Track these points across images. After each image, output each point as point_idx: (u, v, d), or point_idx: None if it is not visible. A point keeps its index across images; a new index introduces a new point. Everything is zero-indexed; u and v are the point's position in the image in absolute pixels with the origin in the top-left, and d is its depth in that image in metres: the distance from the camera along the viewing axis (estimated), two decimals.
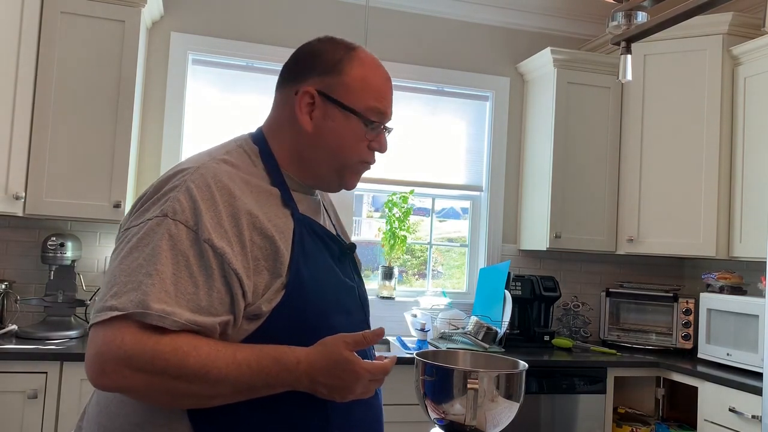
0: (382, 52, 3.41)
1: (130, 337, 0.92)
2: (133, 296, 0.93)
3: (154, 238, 0.97)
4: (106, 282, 0.98)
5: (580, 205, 3.37)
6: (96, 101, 2.72)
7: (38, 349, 2.42)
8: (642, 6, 1.47)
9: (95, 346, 0.93)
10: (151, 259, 0.95)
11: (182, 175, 1.04)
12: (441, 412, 1.21)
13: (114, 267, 0.98)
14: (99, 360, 0.92)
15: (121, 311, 0.92)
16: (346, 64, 1.14)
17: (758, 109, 3.01)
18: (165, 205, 1.00)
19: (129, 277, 0.95)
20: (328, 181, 1.19)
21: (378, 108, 1.15)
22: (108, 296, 0.94)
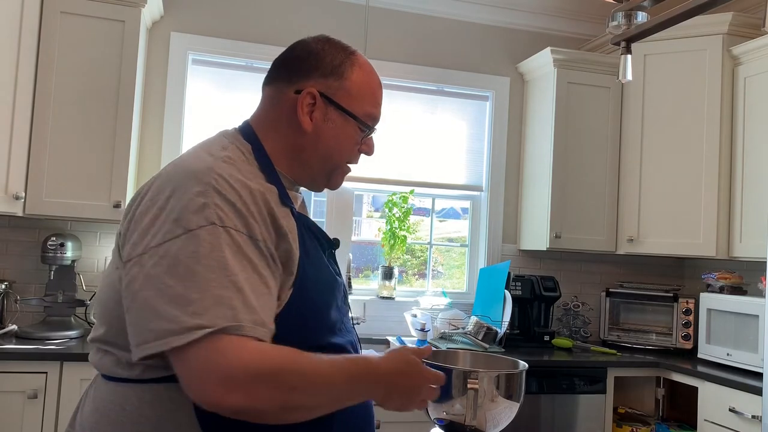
0: (382, 52, 3.44)
1: (250, 350, 0.90)
2: (218, 311, 0.89)
3: (214, 248, 0.93)
4: (165, 300, 0.90)
5: (580, 205, 3.37)
6: (96, 101, 2.72)
7: (38, 349, 2.42)
8: (642, 6, 1.47)
9: (214, 366, 0.87)
10: (222, 272, 0.92)
11: (199, 178, 0.98)
12: (441, 412, 1.21)
13: (172, 282, 0.91)
14: (227, 381, 0.87)
15: (212, 327, 0.88)
16: (347, 68, 1.16)
17: (758, 109, 3.01)
18: (206, 213, 0.94)
19: (203, 293, 0.90)
20: (317, 181, 1.20)
21: (373, 113, 1.19)
22: (185, 316, 0.88)
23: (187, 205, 0.95)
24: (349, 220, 3.45)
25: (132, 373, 1.00)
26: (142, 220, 0.98)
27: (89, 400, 1.08)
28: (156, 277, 0.92)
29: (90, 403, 1.07)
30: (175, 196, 0.97)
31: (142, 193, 1.04)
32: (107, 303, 1.05)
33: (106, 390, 1.04)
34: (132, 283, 0.95)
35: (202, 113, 3.24)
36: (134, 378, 1.00)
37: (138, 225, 0.99)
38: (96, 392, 1.07)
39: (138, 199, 1.04)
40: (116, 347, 1.03)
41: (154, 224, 0.96)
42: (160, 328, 0.89)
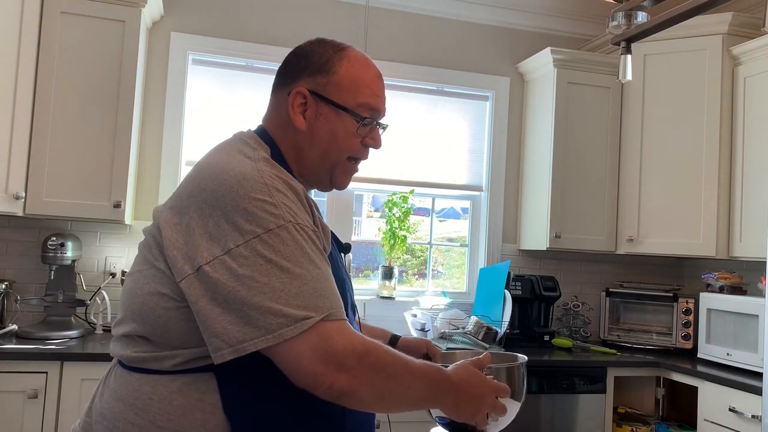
0: (382, 52, 3.44)
1: (348, 333, 0.98)
2: (318, 302, 0.97)
3: (296, 245, 0.99)
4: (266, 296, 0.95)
5: (580, 204, 3.37)
6: (96, 101, 2.72)
7: (38, 349, 2.42)
8: (642, 6, 1.47)
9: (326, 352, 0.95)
10: (309, 267, 0.99)
11: (254, 179, 1.01)
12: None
13: (268, 280, 0.96)
14: (337, 364, 0.95)
15: (318, 316, 0.96)
16: (335, 62, 1.17)
17: (758, 109, 3.01)
18: (277, 212, 1.00)
19: (301, 288, 0.97)
20: (321, 180, 1.22)
21: (369, 104, 1.18)
22: (290, 309, 0.95)
23: (256, 206, 0.99)
24: (349, 220, 3.45)
25: (163, 365, 1.03)
26: (205, 225, 0.99)
27: (108, 390, 1.09)
28: (248, 277, 0.96)
29: (110, 394, 1.08)
30: (233, 198, 0.99)
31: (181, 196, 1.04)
32: (146, 300, 1.05)
33: (131, 380, 1.06)
34: (217, 286, 0.96)
35: (202, 113, 3.24)
36: (164, 370, 1.03)
37: (201, 230, 0.99)
38: (118, 382, 1.08)
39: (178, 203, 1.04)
40: (151, 343, 1.05)
41: (221, 227, 0.98)
42: (269, 322, 0.94)
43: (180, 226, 1.02)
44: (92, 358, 2.40)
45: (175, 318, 1.02)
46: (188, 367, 1.02)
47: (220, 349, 0.95)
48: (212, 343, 0.96)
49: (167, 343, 1.03)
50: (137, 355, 1.06)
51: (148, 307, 1.04)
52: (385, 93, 1.25)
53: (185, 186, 1.06)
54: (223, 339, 0.95)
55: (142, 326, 1.06)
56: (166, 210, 1.06)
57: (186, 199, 1.03)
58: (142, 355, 1.05)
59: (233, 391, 1.01)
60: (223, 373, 1.01)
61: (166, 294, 1.03)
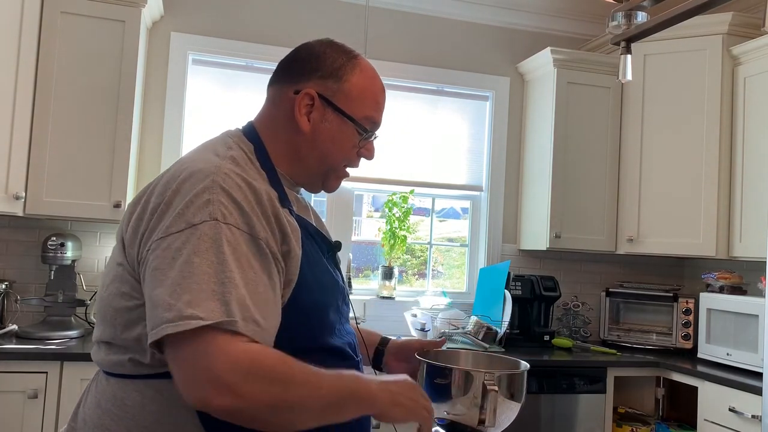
0: (382, 52, 3.44)
1: (241, 350, 0.89)
2: (212, 305, 0.90)
3: (214, 243, 0.94)
4: (164, 291, 0.91)
5: (580, 204, 3.37)
6: (96, 101, 2.72)
7: (38, 349, 2.42)
8: (642, 6, 1.47)
9: (204, 366, 0.87)
10: (219, 267, 0.93)
11: (205, 175, 0.99)
12: (443, 412, 1.21)
13: (171, 276, 0.92)
14: (216, 381, 0.87)
15: (207, 321, 0.88)
16: (348, 71, 1.17)
17: (758, 109, 3.01)
18: (210, 209, 0.96)
19: (200, 285, 0.90)
20: (313, 183, 1.22)
21: (373, 117, 1.19)
22: (181, 304, 0.89)
23: (191, 200, 0.97)
24: (349, 220, 3.45)
25: (134, 369, 1.02)
26: (151, 218, 1.00)
27: (91, 395, 1.09)
28: (158, 269, 0.94)
29: (92, 399, 1.08)
30: (181, 192, 0.99)
31: (148, 191, 1.05)
32: (109, 301, 1.05)
33: (108, 386, 1.05)
34: (143, 279, 0.97)
35: (202, 113, 3.24)
36: (136, 374, 1.02)
37: (147, 223, 1.00)
38: (97, 388, 1.08)
39: (144, 198, 1.04)
40: (117, 345, 1.04)
41: (162, 220, 0.98)
42: (157, 316, 0.90)
43: (139, 220, 1.02)
44: (92, 359, 2.40)
45: (135, 317, 1.01)
46: (161, 371, 0.98)
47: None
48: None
49: (131, 344, 1.01)
50: (108, 359, 1.06)
51: (112, 309, 1.04)
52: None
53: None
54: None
55: (108, 328, 1.05)
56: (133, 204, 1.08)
57: (150, 193, 1.04)
58: (112, 358, 1.05)
59: None
60: None
61: (126, 292, 1.02)
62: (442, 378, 1.20)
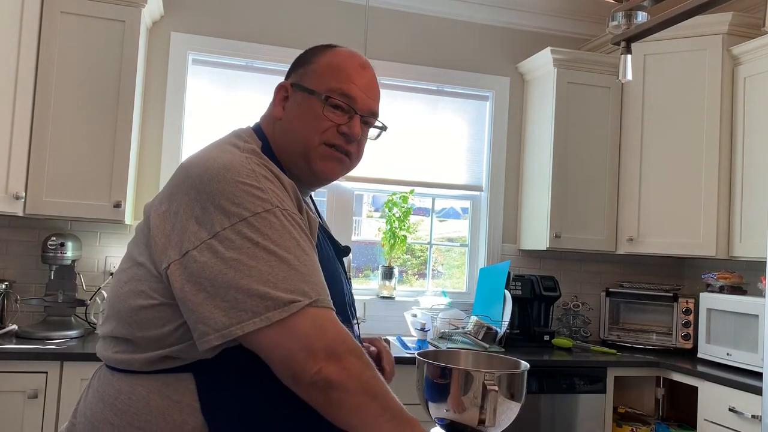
0: (382, 52, 3.44)
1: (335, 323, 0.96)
2: (305, 287, 0.95)
3: (283, 229, 0.98)
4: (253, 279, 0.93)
5: (580, 204, 3.37)
6: (96, 101, 2.72)
7: (38, 349, 2.42)
8: (642, 6, 1.47)
9: (317, 337, 0.92)
10: (297, 252, 0.97)
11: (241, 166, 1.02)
12: (443, 412, 1.21)
13: (255, 263, 0.94)
14: (327, 352, 0.92)
15: (307, 300, 0.94)
16: (319, 56, 1.21)
17: (758, 109, 3.01)
18: (265, 197, 0.99)
19: (288, 272, 0.95)
20: (302, 171, 1.18)
21: (341, 88, 1.16)
22: (278, 291, 0.93)
23: (241, 189, 0.99)
24: (349, 220, 3.45)
25: (142, 365, 1.03)
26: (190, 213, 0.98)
27: (92, 390, 1.09)
28: (234, 260, 0.94)
29: (93, 394, 1.08)
30: (219, 183, 0.99)
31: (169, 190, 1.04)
32: (124, 298, 1.05)
33: (113, 380, 1.06)
34: (204, 271, 0.95)
35: (202, 113, 3.24)
36: (142, 370, 1.03)
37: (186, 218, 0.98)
38: (100, 382, 1.08)
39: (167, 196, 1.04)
40: (131, 340, 1.04)
41: (207, 212, 0.97)
42: (256, 305, 0.92)
43: (168, 213, 1.01)
44: (92, 358, 2.39)
45: (152, 316, 1.01)
46: (166, 367, 1.01)
47: (206, 334, 0.93)
48: (198, 329, 0.94)
49: (145, 342, 1.02)
50: (117, 356, 1.06)
51: (127, 305, 1.04)
52: (378, 92, 1.22)
53: (175, 177, 1.06)
54: (209, 324, 0.93)
55: (121, 325, 1.05)
56: (155, 201, 1.07)
57: (174, 188, 1.03)
58: (121, 355, 1.05)
59: (212, 393, 1.00)
60: (202, 374, 1.00)
61: (144, 291, 1.02)
62: (442, 378, 1.20)
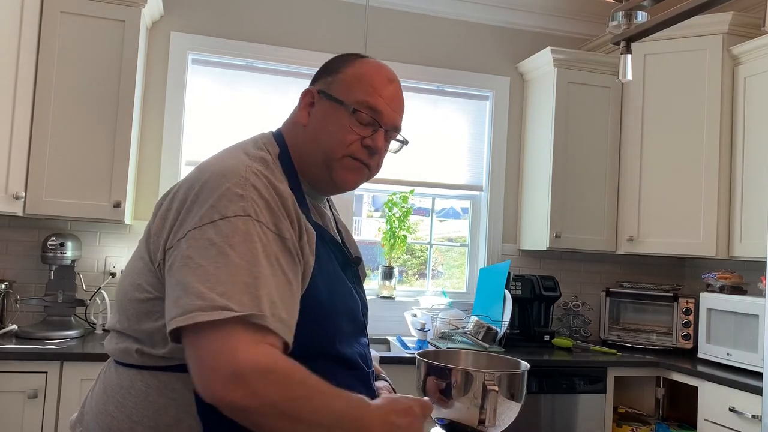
0: (382, 52, 3.44)
1: (265, 351, 0.89)
2: (245, 298, 0.91)
3: (247, 238, 0.96)
4: (194, 279, 0.92)
5: (580, 204, 3.37)
6: (96, 101, 2.72)
7: (38, 349, 2.42)
8: (642, 6, 1.47)
9: (224, 358, 0.87)
10: (252, 261, 0.94)
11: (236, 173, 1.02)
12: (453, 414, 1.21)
13: (204, 264, 0.93)
14: (232, 375, 0.86)
15: (239, 312, 0.89)
16: (347, 65, 1.20)
17: (758, 109, 3.01)
18: (242, 204, 0.98)
19: (233, 277, 0.92)
20: (322, 177, 1.19)
21: (368, 101, 1.17)
22: (214, 294, 0.90)
23: (224, 193, 0.99)
24: (349, 219, 3.45)
25: (141, 360, 1.04)
26: (181, 209, 1.02)
27: (99, 382, 1.12)
28: (189, 257, 0.95)
29: (100, 386, 1.11)
30: (211, 185, 1.01)
31: (177, 186, 1.08)
32: (125, 291, 1.09)
33: (116, 374, 1.08)
34: (171, 266, 0.98)
35: (202, 113, 3.24)
36: (143, 365, 1.04)
37: (177, 214, 1.02)
38: (106, 375, 1.11)
39: (173, 192, 1.07)
40: (129, 335, 1.07)
41: (191, 210, 1.00)
42: (188, 303, 0.91)
43: (168, 211, 1.04)
44: (92, 358, 2.40)
45: (147, 310, 1.04)
46: (166, 364, 1.02)
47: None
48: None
49: (141, 336, 1.04)
50: (118, 348, 1.08)
51: (127, 299, 1.07)
52: (403, 106, 1.25)
53: (186, 176, 1.10)
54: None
55: (122, 319, 1.08)
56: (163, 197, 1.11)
57: (180, 186, 1.07)
58: (122, 348, 1.07)
59: None
60: None
61: (141, 284, 1.05)
62: (442, 378, 1.20)
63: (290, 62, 3.27)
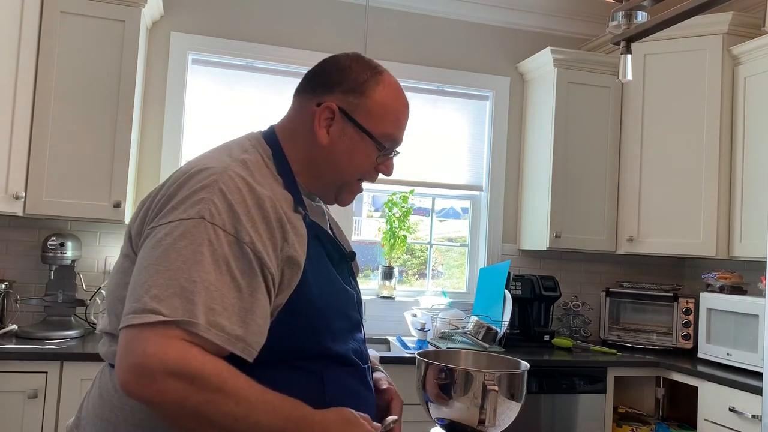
0: (382, 52, 3.44)
1: (177, 349, 0.88)
2: (177, 302, 0.90)
3: (194, 241, 0.94)
4: (137, 281, 0.93)
5: (580, 204, 3.37)
6: (96, 101, 2.72)
7: (38, 349, 2.42)
8: (642, 6, 1.47)
9: (136, 353, 0.87)
10: (193, 265, 0.92)
11: (209, 174, 1.01)
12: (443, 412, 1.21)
13: (147, 266, 0.93)
14: (140, 369, 0.87)
15: (166, 317, 0.89)
16: (371, 86, 1.16)
17: (758, 109, 3.01)
18: (200, 207, 0.97)
19: (169, 281, 0.91)
20: (327, 195, 1.22)
21: (393, 135, 1.18)
22: (147, 297, 0.90)
23: (188, 196, 0.99)
24: (349, 219, 3.45)
25: None
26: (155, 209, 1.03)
27: (95, 386, 1.11)
28: (142, 257, 0.97)
29: (95, 390, 1.11)
30: (182, 188, 1.01)
31: (158, 188, 1.08)
32: (114, 291, 1.09)
33: (111, 377, 1.07)
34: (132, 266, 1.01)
35: (202, 113, 3.24)
36: None
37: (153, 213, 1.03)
38: (101, 379, 1.10)
39: (155, 192, 1.08)
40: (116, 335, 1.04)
41: (161, 212, 1.01)
42: (128, 306, 0.92)
43: (148, 211, 1.05)
44: (92, 358, 2.40)
45: None
46: None
47: None
48: None
49: None
50: (111, 351, 1.07)
51: (116, 299, 1.06)
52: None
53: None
54: None
55: (113, 321, 1.07)
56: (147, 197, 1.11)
57: (161, 187, 1.07)
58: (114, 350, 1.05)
59: None
60: None
61: (127, 282, 1.03)
62: (442, 378, 1.20)
63: (290, 62, 3.27)
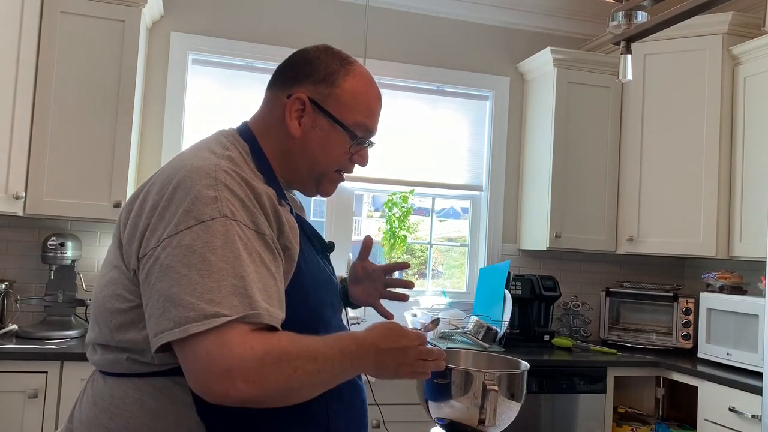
0: (382, 52, 3.44)
1: (257, 339, 0.91)
2: (236, 300, 0.91)
3: (226, 240, 0.95)
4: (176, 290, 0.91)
5: (580, 204, 3.37)
6: (96, 101, 2.72)
7: (38, 349, 2.42)
8: (642, 6, 1.47)
9: (225, 358, 0.88)
10: (235, 261, 0.94)
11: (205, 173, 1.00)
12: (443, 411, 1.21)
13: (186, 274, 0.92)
14: (238, 372, 0.88)
15: (231, 316, 0.90)
16: (340, 76, 1.16)
17: (758, 109, 3.01)
18: (217, 205, 0.96)
19: (219, 282, 0.92)
20: (306, 187, 1.22)
21: (365, 124, 1.18)
22: (203, 303, 0.90)
23: (197, 197, 0.97)
24: (349, 219, 3.45)
25: (132, 368, 1.02)
26: (152, 215, 0.99)
27: (87, 396, 1.09)
28: (171, 267, 0.93)
29: (88, 399, 1.08)
30: (182, 189, 0.98)
31: (144, 189, 1.05)
32: (102, 302, 1.06)
33: (105, 385, 1.05)
34: (148, 276, 0.96)
35: (202, 113, 3.24)
36: (134, 372, 1.02)
37: (147, 221, 0.99)
38: (93, 388, 1.08)
39: (141, 195, 1.04)
40: (114, 346, 1.04)
41: (164, 217, 0.97)
42: (178, 315, 0.90)
43: (138, 218, 1.02)
44: None
45: (129, 319, 1.01)
46: (158, 369, 1.00)
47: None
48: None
49: (129, 347, 1.02)
50: (105, 359, 1.05)
51: (107, 311, 1.04)
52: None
53: (151, 178, 1.08)
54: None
55: (104, 331, 1.05)
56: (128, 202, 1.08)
57: (147, 192, 1.04)
58: (110, 358, 1.04)
59: None
60: None
61: (121, 294, 1.02)
62: (442, 378, 1.20)
63: None
